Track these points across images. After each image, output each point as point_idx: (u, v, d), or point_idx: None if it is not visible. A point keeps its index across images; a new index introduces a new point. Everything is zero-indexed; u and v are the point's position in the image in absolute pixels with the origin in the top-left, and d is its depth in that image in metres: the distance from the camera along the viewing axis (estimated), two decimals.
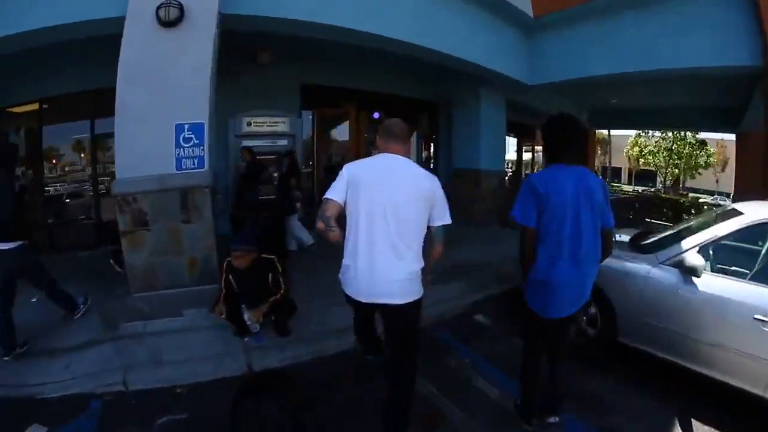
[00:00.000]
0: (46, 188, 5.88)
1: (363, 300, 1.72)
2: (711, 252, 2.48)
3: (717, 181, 25.77)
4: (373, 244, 1.66)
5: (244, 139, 6.39)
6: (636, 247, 3.03)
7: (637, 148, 27.14)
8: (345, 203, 1.72)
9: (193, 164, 3.46)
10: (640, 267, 2.68)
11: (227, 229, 5.02)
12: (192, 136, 3.44)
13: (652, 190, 24.84)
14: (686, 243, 2.55)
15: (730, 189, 15.28)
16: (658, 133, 25.07)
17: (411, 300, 1.70)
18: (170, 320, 3.20)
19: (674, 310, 2.46)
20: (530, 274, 1.81)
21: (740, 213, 2.49)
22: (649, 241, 3.08)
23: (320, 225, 1.68)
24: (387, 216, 1.65)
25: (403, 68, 7.47)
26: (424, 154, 9.00)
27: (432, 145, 9.18)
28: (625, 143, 28.58)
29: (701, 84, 7.72)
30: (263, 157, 6.48)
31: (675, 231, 3.10)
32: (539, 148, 11.73)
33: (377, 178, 1.71)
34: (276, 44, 6.06)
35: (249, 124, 6.31)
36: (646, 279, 2.61)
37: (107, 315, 3.28)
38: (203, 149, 3.46)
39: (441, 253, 1.84)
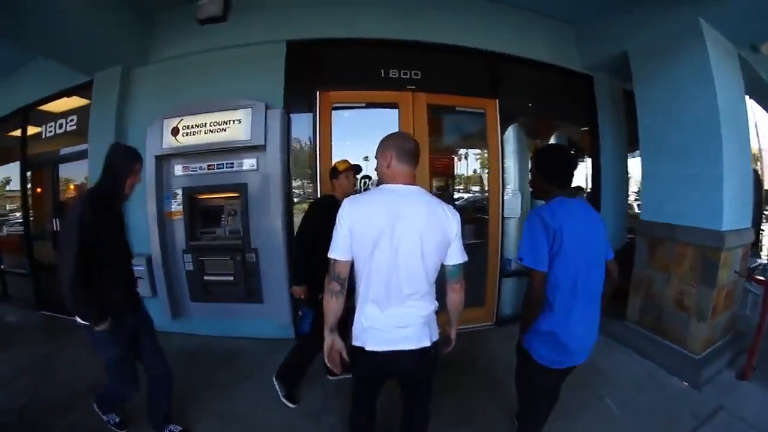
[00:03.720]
0: None
1: (378, 348, 1.43)
2: None
3: None
4: (386, 294, 1.41)
5: (174, 161, 3.30)
6: None
7: None
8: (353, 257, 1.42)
9: None
10: None
11: None
12: None
13: None
14: None
15: None
16: None
17: (425, 345, 1.45)
18: None
19: None
20: (538, 325, 1.58)
21: None
22: None
23: (335, 286, 1.43)
24: (399, 267, 1.39)
25: None
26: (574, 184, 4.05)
27: (591, 166, 4.24)
28: None
29: None
30: (207, 196, 3.28)
31: None
32: None
33: (386, 226, 1.36)
34: None
35: (175, 131, 3.05)
36: None
37: None
38: None
39: (462, 295, 1.53)
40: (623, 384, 2.65)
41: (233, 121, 2.97)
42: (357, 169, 2.49)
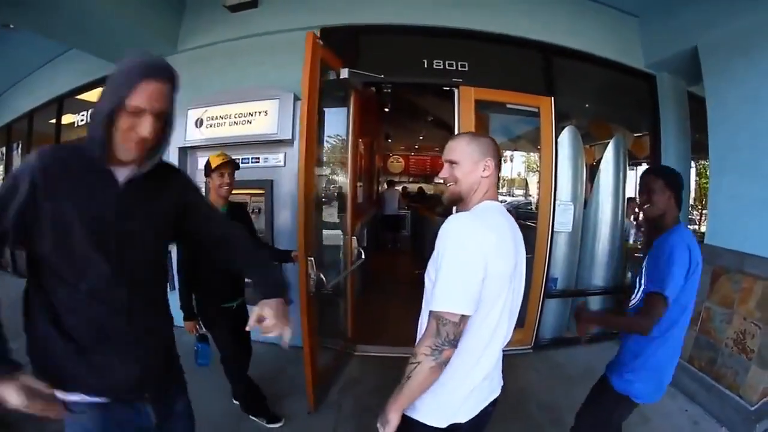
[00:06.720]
0: None
1: (475, 413, 1.02)
2: None
3: None
4: (498, 357, 1.06)
5: (198, 153, 3.10)
6: None
7: None
8: None
9: None
10: None
11: None
12: None
13: None
14: None
15: None
16: None
17: (502, 385, 1.16)
18: None
19: None
20: (648, 360, 1.41)
21: None
22: None
23: (448, 354, 0.89)
24: (512, 316, 1.05)
25: None
26: (625, 201, 3.61)
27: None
28: None
29: None
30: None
31: None
32: None
33: (510, 255, 0.97)
34: None
35: (199, 123, 2.89)
36: None
37: None
38: None
39: None
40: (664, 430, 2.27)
41: (259, 112, 2.76)
42: (234, 165, 1.98)
